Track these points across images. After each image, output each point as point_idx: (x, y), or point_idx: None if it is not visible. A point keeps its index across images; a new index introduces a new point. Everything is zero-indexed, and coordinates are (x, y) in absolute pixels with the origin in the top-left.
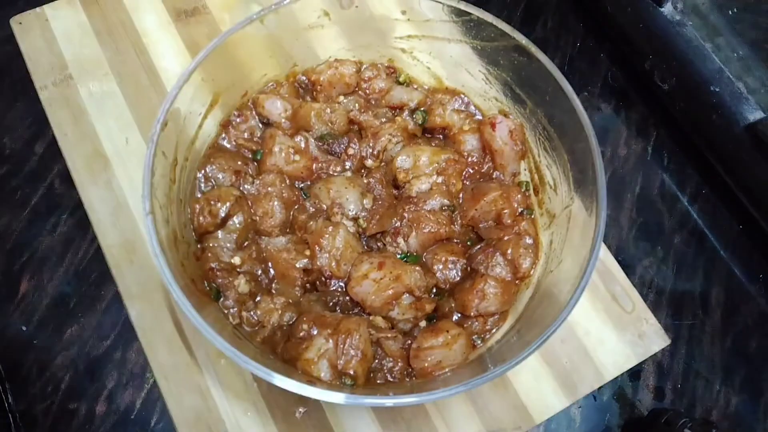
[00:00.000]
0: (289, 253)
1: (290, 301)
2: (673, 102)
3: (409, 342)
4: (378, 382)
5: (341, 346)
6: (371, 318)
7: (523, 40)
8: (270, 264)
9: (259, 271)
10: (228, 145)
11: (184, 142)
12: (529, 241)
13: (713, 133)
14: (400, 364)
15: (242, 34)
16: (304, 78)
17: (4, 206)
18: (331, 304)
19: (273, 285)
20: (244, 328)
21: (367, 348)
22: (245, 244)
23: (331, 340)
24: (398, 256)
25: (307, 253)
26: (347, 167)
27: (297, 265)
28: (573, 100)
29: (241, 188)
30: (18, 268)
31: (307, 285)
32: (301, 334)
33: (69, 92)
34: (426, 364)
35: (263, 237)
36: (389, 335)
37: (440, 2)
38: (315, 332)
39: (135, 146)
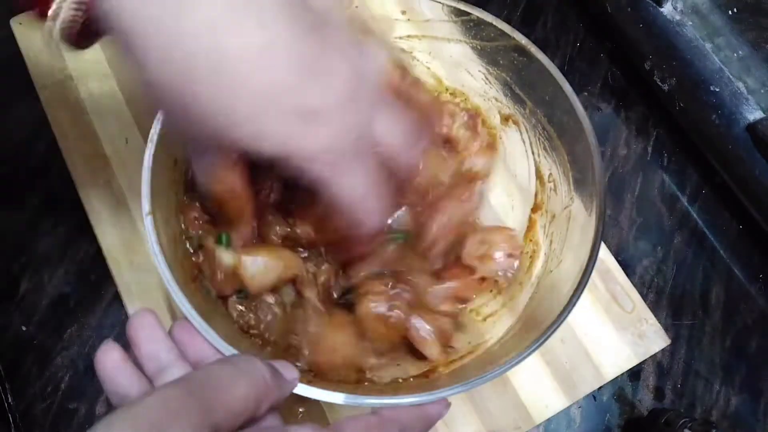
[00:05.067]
0: None
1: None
2: (673, 102)
3: None
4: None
5: None
6: None
7: (522, 40)
8: None
9: None
10: None
11: (184, 142)
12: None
13: (713, 133)
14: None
15: None
16: None
17: (4, 206)
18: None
19: None
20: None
21: None
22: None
23: None
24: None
25: None
26: None
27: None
28: (573, 100)
29: None
30: (18, 268)
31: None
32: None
33: (69, 92)
34: None
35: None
36: None
37: (440, 2)
38: None
39: (135, 146)
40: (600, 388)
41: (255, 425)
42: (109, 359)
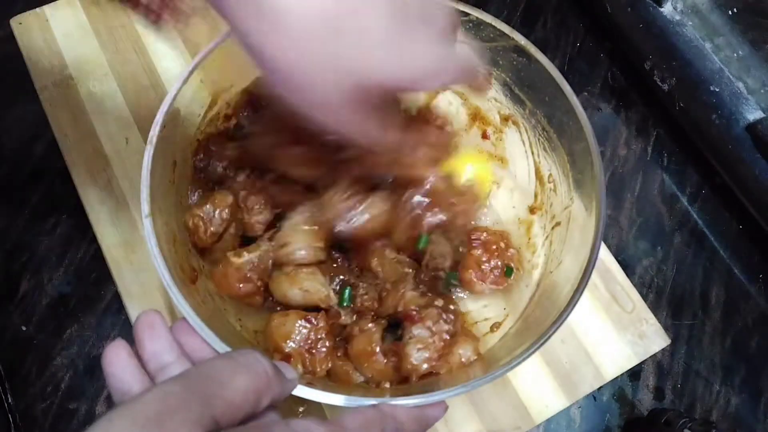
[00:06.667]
0: None
1: None
2: (673, 102)
3: None
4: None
5: None
6: None
7: (522, 40)
8: None
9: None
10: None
11: (184, 143)
12: None
13: (713, 133)
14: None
15: None
16: None
17: (4, 206)
18: None
19: None
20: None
21: None
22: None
23: None
24: None
25: None
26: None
27: None
28: (572, 100)
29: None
30: (18, 268)
31: None
32: None
33: (69, 92)
34: None
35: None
36: None
37: (439, 2)
38: None
39: (135, 146)
40: (600, 388)
41: (254, 420)
42: (118, 357)
